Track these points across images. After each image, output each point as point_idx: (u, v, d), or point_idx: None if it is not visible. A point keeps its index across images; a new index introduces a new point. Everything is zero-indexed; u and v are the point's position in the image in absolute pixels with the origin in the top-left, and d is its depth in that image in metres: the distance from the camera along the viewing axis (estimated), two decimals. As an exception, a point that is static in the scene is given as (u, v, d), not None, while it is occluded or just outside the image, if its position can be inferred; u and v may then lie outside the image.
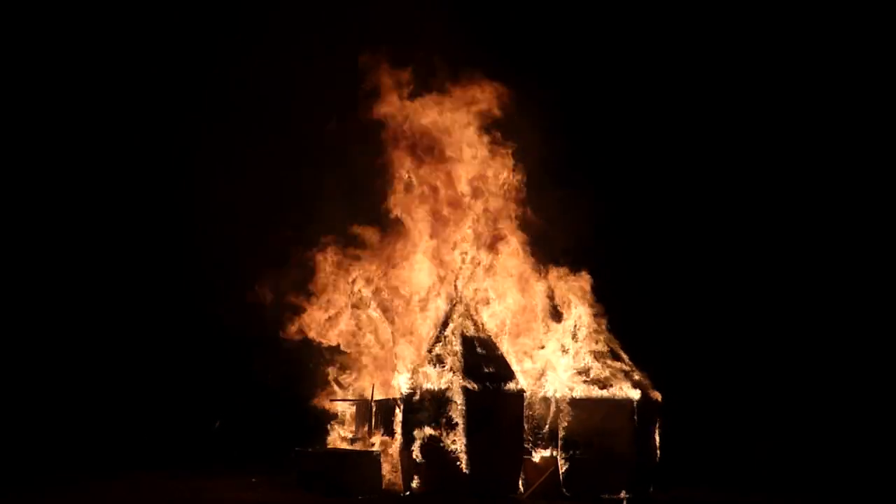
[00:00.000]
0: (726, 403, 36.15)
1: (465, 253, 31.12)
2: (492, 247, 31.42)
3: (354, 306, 31.75)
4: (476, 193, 31.73)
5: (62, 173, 39.01)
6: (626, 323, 31.66)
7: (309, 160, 33.89)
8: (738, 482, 26.94)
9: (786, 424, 32.98)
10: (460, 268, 30.99)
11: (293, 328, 31.80)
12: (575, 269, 31.50)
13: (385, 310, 31.49)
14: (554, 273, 31.69)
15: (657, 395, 30.43)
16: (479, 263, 31.06)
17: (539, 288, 31.75)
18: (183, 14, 37.96)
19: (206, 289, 34.50)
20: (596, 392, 30.25)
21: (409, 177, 31.82)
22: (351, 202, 32.30)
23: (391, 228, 31.82)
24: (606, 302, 31.37)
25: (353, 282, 31.65)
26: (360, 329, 31.79)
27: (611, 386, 30.35)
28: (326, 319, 31.70)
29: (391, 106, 31.67)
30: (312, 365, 31.92)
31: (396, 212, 31.76)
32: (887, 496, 25.83)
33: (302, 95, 33.82)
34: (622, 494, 29.38)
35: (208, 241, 34.53)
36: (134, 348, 37.91)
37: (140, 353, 37.71)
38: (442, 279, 31.11)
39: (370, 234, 31.99)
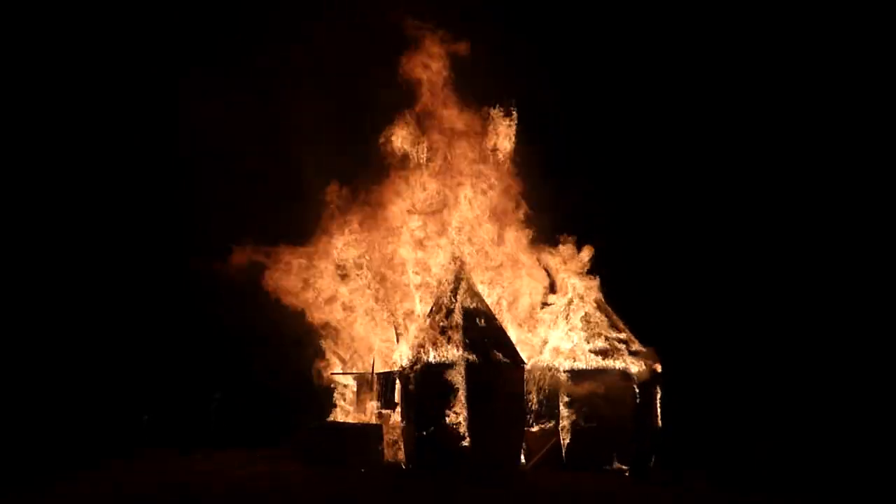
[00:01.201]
0: (727, 385, 36.30)
1: (465, 226, 31.21)
2: (492, 220, 31.53)
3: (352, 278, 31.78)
4: (475, 166, 31.78)
5: (50, 163, 38.91)
6: (626, 295, 31.80)
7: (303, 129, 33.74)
8: (738, 482, 27.05)
9: (786, 424, 33.05)
10: (460, 241, 31.05)
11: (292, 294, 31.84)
12: (575, 242, 31.61)
13: (385, 281, 31.51)
14: (554, 246, 31.81)
15: (657, 367, 30.60)
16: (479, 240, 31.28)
17: (539, 261, 31.83)
18: None
19: (207, 284, 34.46)
20: (596, 363, 30.43)
21: (408, 148, 31.91)
22: (351, 172, 32.26)
23: (390, 202, 31.79)
24: (606, 274, 31.49)
25: (354, 255, 31.68)
26: (359, 301, 31.78)
27: (612, 357, 30.52)
28: (324, 295, 31.70)
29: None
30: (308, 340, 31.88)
31: (396, 183, 31.77)
32: (887, 496, 25.98)
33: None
34: (623, 466, 29.54)
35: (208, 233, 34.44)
36: (141, 341, 37.84)
37: (146, 345, 37.65)
38: (442, 252, 31.12)
39: (371, 208, 31.95)
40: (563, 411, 30.21)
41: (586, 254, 31.59)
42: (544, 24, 37.96)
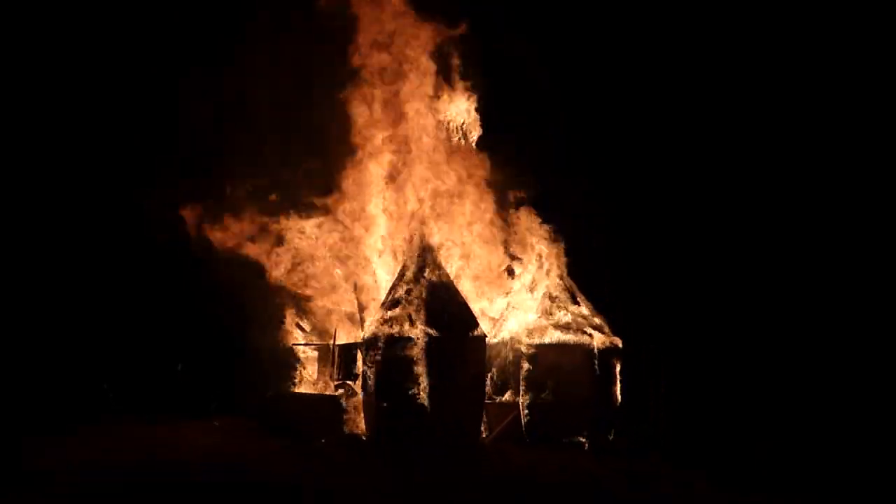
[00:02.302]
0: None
1: (426, 199, 31.19)
2: (453, 192, 31.49)
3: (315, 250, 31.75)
4: (436, 135, 31.74)
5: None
6: (588, 268, 32.00)
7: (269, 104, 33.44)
8: (738, 482, 27.27)
9: (786, 424, 33.28)
10: (421, 212, 31.03)
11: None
12: (537, 214, 31.68)
13: (346, 254, 31.50)
14: (515, 219, 31.85)
15: (617, 341, 30.82)
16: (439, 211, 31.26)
17: (501, 234, 31.90)
18: None
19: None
20: (557, 337, 30.59)
21: (369, 115, 31.85)
22: (310, 147, 32.07)
23: (351, 173, 31.70)
24: (568, 246, 31.67)
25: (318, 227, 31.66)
26: (321, 272, 31.74)
27: (572, 331, 30.69)
28: (289, 264, 31.66)
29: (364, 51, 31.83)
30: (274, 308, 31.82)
31: (358, 155, 31.66)
32: (887, 496, 26.29)
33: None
34: (582, 440, 29.83)
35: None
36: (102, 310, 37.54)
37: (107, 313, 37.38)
38: (403, 224, 31.10)
39: (330, 179, 31.84)
40: (524, 385, 30.35)
41: (551, 227, 31.66)
42: (543, 22, 37.79)
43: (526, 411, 30.22)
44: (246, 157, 32.94)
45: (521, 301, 31.48)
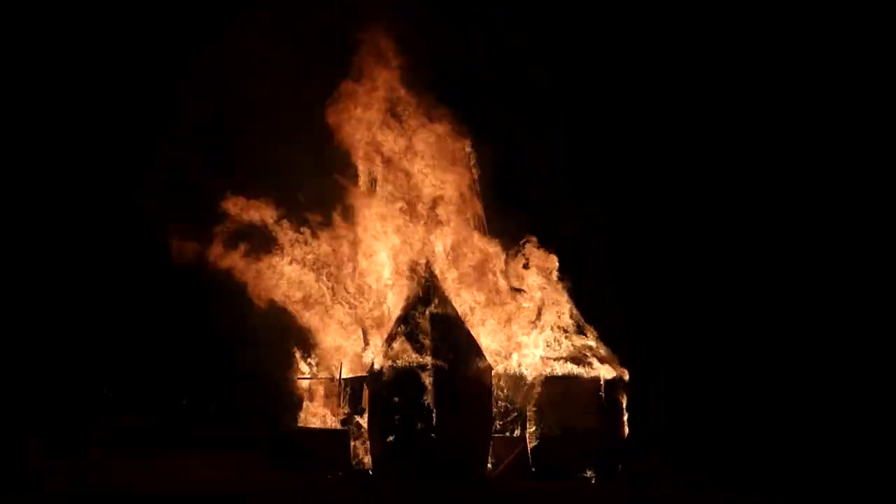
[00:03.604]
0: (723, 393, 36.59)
1: (433, 233, 31.10)
2: (458, 226, 31.39)
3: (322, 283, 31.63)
4: (441, 172, 31.61)
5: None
6: (593, 301, 31.95)
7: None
8: (738, 482, 27.23)
9: (786, 424, 33.30)
10: (427, 246, 30.94)
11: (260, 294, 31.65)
12: (542, 247, 31.55)
13: (352, 287, 31.38)
14: (521, 252, 31.71)
15: (624, 372, 30.74)
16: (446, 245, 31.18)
17: (506, 267, 31.76)
18: None
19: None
20: (563, 369, 30.50)
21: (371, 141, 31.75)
22: (317, 178, 31.87)
23: (358, 209, 31.59)
24: (574, 280, 31.55)
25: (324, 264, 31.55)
26: (328, 305, 31.63)
27: (578, 363, 30.61)
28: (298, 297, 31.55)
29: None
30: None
31: (365, 192, 31.56)
32: (887, 496, 26.28)
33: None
34: (590, 473, 29.81)
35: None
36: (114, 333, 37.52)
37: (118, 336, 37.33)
38: (410, 258, 31.00)
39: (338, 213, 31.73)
40: (530, 417, 30.28)
41: (556, 259, 31.53)
42: (542, 23, 37.50)
43: (532, 444, 30.15)
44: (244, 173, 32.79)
45: (527, 332, 31.34)
